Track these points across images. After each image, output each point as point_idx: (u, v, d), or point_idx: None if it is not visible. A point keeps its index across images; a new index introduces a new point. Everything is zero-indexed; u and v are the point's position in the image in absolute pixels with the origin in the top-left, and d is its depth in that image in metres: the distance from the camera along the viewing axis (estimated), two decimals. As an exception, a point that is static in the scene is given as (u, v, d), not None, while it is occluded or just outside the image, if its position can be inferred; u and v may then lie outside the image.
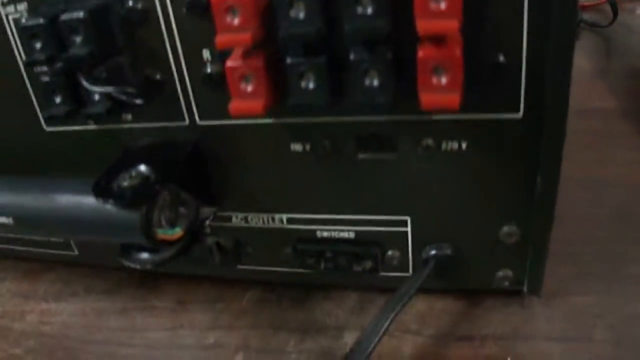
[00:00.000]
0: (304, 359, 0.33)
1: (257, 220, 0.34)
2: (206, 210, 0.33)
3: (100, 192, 0.28)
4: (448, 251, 0.32)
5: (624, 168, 0.46)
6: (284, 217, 0.33)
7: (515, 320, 0.33)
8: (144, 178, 0.29)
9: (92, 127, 0.33)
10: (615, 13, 0.73)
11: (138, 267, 0.30)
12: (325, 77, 0.25)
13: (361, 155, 0.30)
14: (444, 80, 0.24)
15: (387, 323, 0.29)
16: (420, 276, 0.32)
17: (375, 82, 0.25)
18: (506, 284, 0.33)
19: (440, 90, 0.24)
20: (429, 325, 0.34)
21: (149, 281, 0.40)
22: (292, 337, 0.35)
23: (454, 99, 0.24)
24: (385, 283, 0.35)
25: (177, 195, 0.30)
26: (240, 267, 0.36)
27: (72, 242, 0.40)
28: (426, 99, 0.24)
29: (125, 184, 0.28)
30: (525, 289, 0.33)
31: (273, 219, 0.33)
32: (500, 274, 0.33)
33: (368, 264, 0.34)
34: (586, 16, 0.78)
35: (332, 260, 0.34)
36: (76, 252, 0.40)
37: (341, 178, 0.31)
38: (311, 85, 0.26)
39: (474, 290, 0.35)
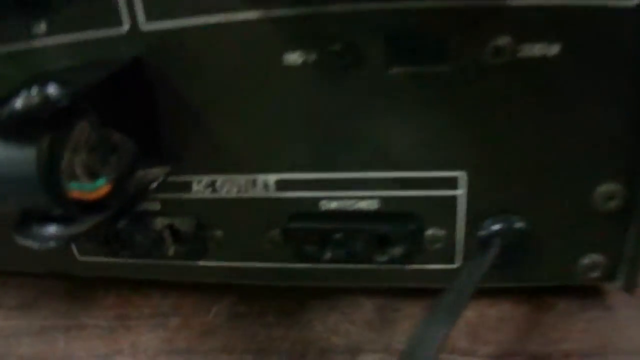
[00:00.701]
0: (302, 396, 0.22)
1: (229, 186, 0.23)
2: (152, 172, 0.22)
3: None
4: (519, 226, 0.22)
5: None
6: (271, 179, 0.22)
7: (602, 329, 0.24)
8: (50, 98, 0.18)
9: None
10: None
11: (36, 246, 0.19)
12: None
13: (394, 69, 0.19)
14: None
15: (441, 338, 0.18)
16: (484, 264, 0.21)
17: None
18: (595, 274, 0.23)
19: None
20: (484, 340, 0.23)
21: (77, 291, 0.28)
22: (283, 364, 0.23)
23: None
24: (420, 280, 0.24)
25: (102, 131, 0.19)
26: (203, 263, 0.25)
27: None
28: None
29: (19, 104, 0.17)
30: (615, 283, 0.23)
31: (254, 184, 0.22)
32: (587, 260, 0.23)
33: (397, 251, 0.23)
34: None
35: (343, 247, 0.23)
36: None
37: (360, 111, 0.20)
38: None
39: (536, 290, 0.25)
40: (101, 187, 0.19)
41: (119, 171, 0.20)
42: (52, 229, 0.20)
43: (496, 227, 0.22)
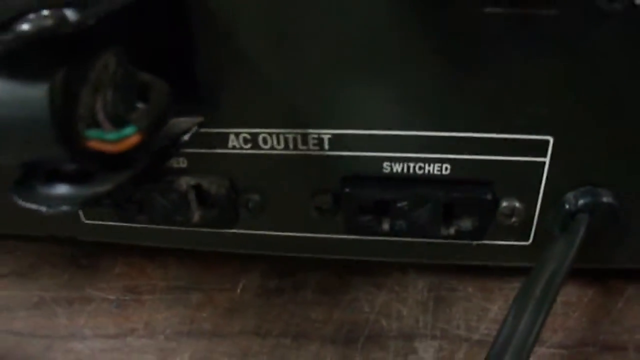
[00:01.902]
0: (353, 389, 0.19)
1: (274, 141, 0.19)
2: (184, 121, 0.18)
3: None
4: (609, 200, 0.18)
5: None
6: (326, 135, 0.19)
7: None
8: (68, 19, 0.14)
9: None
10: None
11: (43, 210, 0.15)
12: None
13: (488, 9, 0.16)
14: None
15: (535, 333, 0.15)
16: (575, 242, 0.18)
17: None
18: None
19: None
20: (552, 328, 0.20)
21: (81, 258, 0.25)
22: (327, 351, 0.20)
23: None
24: (487, 258, 0.21)
25: (130, 68, 0.15)
26: (234, 231, 0.21)
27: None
28: None
29: (28, 27, 0.13)
30: None
31: (305, 140, 0.19)
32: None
33: (466, 224, 0.19)
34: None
35: (405, 218, 0.19)
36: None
37: (442, 57, 0.17)
38: None
39: (600, 273, 0.22)
40: (129, 138, 0.15)
41: (150, 119, 0.16)
42: (63, 190, 0.16)
43: (584, 200, 0.19)
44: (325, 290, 0.22)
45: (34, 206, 0.15)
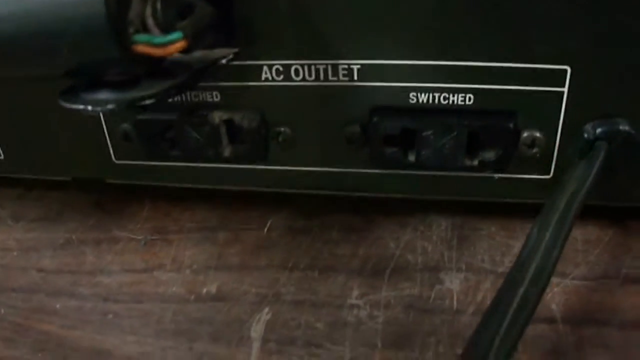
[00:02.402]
0: (383, 316, 0.19)
1: (305, 73, 0.20)
2: (220, 52, 0.19)
3: None
4: (626, 128, 0.19)
5: None
6: (355, 65, 0.19)
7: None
8: None
9: None
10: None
11: (89, 109, 0.16)
12: None
13: None
14: None
15: (554, 258, 0.16)
16: (593, 169, 0.18)
17: None
18: None
19: None
20: (574, 263, 0.21)
21: (108, 204, 0.25)
22: (354, 282, 0.21)
23: None
24: (510, 193, 0.21)
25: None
26: (263, 167, 0.22)
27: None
28: None
29: None
30: None
31: (335, 71, 0.20)
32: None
33: (489, 154, 0.20)
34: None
35: (431, 147, 0.20)
36: (1, 156, 0.25)
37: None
38: None
39: (619, 214, 0.22)
40: (174, 43, 0.16)
41: (194, 28, 0.16)
42: (107, 94, 0.16)
43: (602, 129, 0.19)
44: (351, 230, 0.23)
45: (80, 107, 0.16)
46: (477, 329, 0.15)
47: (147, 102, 0.16)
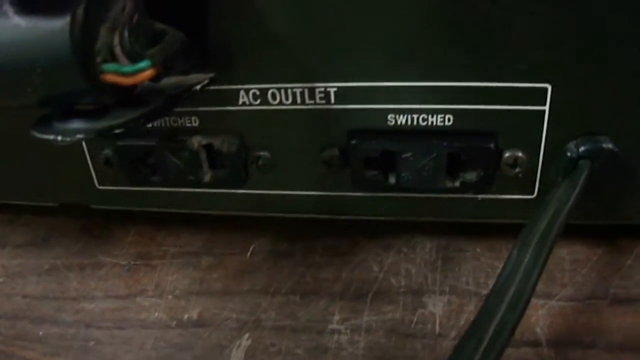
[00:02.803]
0: (364, 341, 0.19)
1: (282, 97, 0.20)
2: (196, 77, 0.19)
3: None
4: (609, 147, 0.19)
5: None
6: (332, 88, 0.19)
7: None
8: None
9: None
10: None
11: (59, 139, 0.16)
12: None
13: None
14: None
15: (533, 279, 0.16)
16: (575, 188, 0.18)
17: None
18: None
19: None
20: (559, 283, 0.20)
21: (93, 229, 0.25)
22: (336, 306, 0.20)
23: None
24: (493, 213, 0.21)
25: (146, 17, 0.16)
26: (244, 191, 0.22)
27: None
28: None
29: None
30: None
31: (312, 94, 0.19)
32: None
33: (471, 175, 0.20)
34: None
35: (411, 169, 0.20)
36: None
37: (440, 8, 0.17)
38: None
39: (608, 233, 0.22)
40: (143, 71, 0.16)
41: (164, 55, 0.16)
42: (78, 123, 0.16)
43: (585, 147, 0.19)
44: (334, 253, 0.22)
45: (50, 137, 0.16)
46: (450, 356, 0.15)
47: (117, 131, 0.16)
